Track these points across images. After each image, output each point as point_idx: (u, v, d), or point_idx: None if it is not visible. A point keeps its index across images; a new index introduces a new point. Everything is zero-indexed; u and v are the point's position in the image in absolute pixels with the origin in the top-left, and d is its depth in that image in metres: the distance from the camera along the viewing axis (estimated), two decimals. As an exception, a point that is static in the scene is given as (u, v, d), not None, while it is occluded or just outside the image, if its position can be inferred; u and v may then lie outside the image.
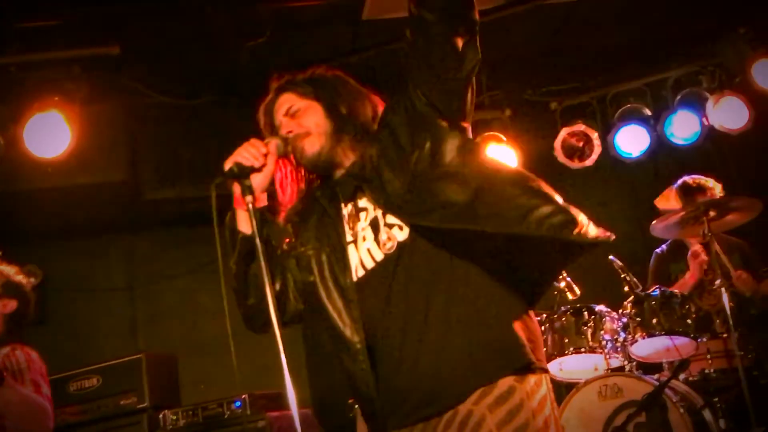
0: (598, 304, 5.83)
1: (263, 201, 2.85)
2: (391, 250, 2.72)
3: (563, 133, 7.18)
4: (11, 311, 4.05)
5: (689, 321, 5.60)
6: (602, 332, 5.68)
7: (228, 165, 2.76)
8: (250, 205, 2.72)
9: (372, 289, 2.74)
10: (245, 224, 2.83)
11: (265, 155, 2.80)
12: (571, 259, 2.68)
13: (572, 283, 5.87)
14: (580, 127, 7.15)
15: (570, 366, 5.84)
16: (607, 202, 7.90)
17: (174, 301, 7.66)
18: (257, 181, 2.79)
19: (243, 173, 2.75)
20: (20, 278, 4.19)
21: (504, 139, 7.04)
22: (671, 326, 5.56)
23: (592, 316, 5.70)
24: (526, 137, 7.32)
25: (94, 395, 5.94)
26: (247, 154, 2.78)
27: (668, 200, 6.30)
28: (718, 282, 5.56)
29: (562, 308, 5.80)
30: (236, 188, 2.78)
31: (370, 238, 2.77)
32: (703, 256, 5.95)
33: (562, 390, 5.99)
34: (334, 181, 2.89)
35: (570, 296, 5.83)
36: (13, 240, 6.37)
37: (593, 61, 7.21)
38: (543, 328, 5.86)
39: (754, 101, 6.81)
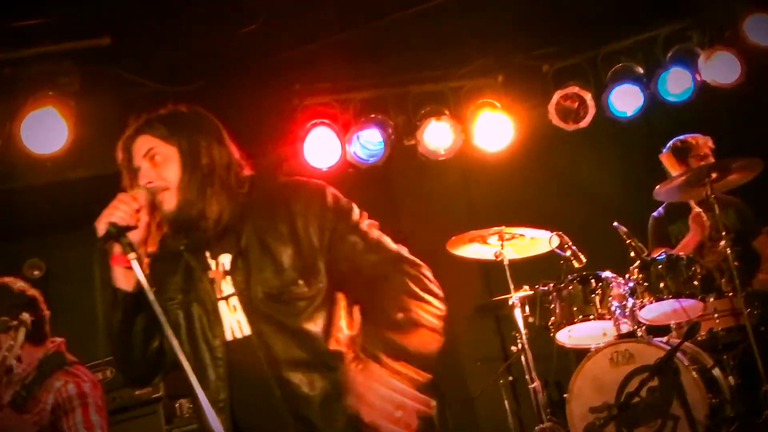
0: (603, 270, 5.77)
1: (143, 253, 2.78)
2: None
3: (557, 96, 6.98)
4: (28, 327, 3.75)
5: (695, 282, 5.55)
6: (610, 298, 5.65)
7: (102, 226, 2.63)
8: (135, 262, 2.61)
9: (238, 355, 2.76)
10: (123, 281, 2.74)
11: (138, 210, 2.70)
12: None
13: (578, 251, 5.85)
14: (574, 89, 6.95)
15: (579, 333, 5.81)
16: (603, 163, 7.75)
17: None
18: (136, 237, 2.69)
19: (121, 233, 2.65)
20: (21, 285, 4.00)
21: (498, 105, 6.92)
22: (678, 289, 5.52)
23: (599, 284, 5.66)
24: (520, 102, 7.17)
25: (108, 387, 5.63)
26: (120, 213, 2.66)
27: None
28: (722, 243, 5.49)
29: (569, 277, 5.75)
30: (116, 248, 2.67)
31: (240, 309, 2.77)
32: (706, 219, 5.87)
33: (572, 357, 6.05)
34: (198, 234, 2.81)
35: (576, 264, 5.83)
36: (14, 236, 7.00)
37: (581, 22, 6.93)
38: (550, 297, 5.83)
39: (745, 55, 6.65)
